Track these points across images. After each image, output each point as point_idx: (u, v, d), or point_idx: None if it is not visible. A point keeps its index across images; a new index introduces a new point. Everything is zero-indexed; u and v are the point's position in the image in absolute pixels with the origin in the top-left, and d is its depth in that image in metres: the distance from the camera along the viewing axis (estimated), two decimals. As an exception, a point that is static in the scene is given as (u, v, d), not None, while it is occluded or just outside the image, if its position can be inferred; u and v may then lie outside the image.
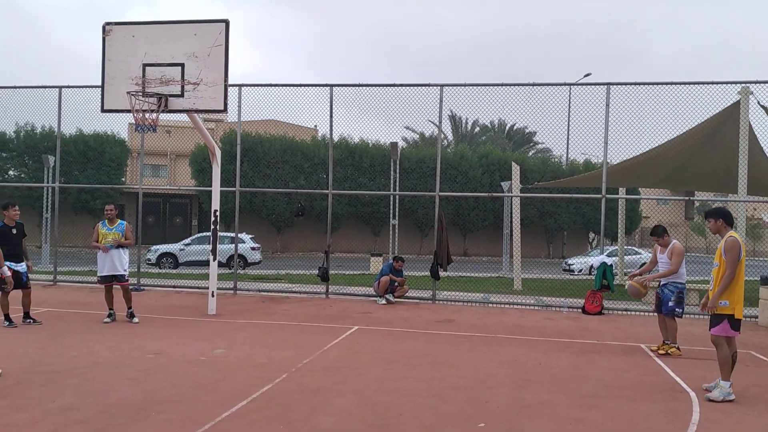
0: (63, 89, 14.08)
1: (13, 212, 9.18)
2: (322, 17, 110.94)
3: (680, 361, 7.77)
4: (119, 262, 9.75)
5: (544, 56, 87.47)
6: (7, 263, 8.93)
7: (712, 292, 6.10)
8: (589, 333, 9.73)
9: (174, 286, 14.21)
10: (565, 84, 13.18)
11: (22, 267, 9.18)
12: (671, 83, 11.76)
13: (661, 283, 8.30)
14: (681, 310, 8.15)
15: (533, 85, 12.67)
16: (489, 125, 43.00)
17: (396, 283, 12.74)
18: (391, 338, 8.82)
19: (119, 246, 9.77)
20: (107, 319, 9.59)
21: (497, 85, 12.78)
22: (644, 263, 24.69)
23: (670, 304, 8.12)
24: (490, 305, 12.65)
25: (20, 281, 9.11)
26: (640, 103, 12.21)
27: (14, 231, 9.15)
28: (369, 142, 32.53)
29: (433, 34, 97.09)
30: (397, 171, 18.08)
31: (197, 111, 9.67)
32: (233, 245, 14.54)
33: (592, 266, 20.83)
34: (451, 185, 29.30)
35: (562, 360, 7.68)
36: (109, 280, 9.73)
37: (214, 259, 10.89)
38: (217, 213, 10.91)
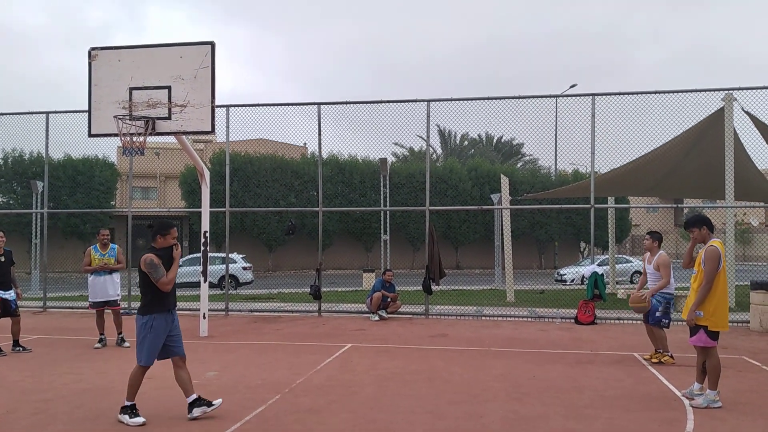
0: (50, 114, 14.06)
1: None
2: (302, 32, 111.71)
3: (673, 369, 7.78)
4: (112, 287, 9.67)
5: (530, 65, 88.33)
6: (-4, 291, 8.87)
7: (690, 300, 6.10)
8: (582, 343, 9.73)
9: (165, 309, 14.08)
10: (551, 96, 13.29)
11: (10, 295, 9.09)
12: (656, 92, 11.88)
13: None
14: (668, 321, 8.14)
15: (519, 97, 12.79)
16: (477, 138, 43.25)
17: (389, 299, 12.72)
18: (385, 355, 8.78)
19: (111, 271, 9.70)
20: (98, 345, 9.50)
21: (484, 99, 12.89)
22: (636, 271, 24.85)
23: (657, 314, 8.07)
24: (484, 318, 12.64)
25: (8, 309, 9.03)
26: (626, 113, 12.34)
27: (2, 258, 9.07)
28: (358, 158, 32.66)
29: (419, 42, 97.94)
30: (387, 186, 18.13)
31: (185, 133, 9.67)
32: (224, 266, 14.48)
33: (584, 276, 20.91)
34: (442, 199, 29.39)
35: (556, 371, 7.67)
36: (101, 305, 9.65)
37: (205, 281, 10.84)
38: (207, 234, 10.87)
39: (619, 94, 12.13)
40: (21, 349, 9.12)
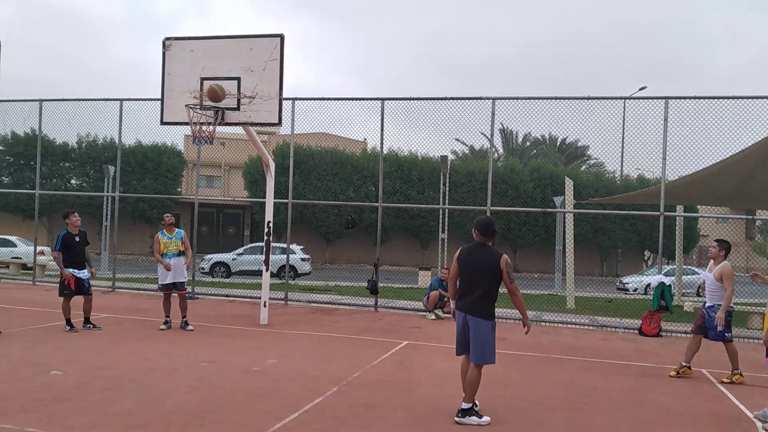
0: (124, 101, 14.59)
1: (74, 219, 9.49)
2: (369, 27, 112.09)
3: (744, 388, 7.42)
4: (180, 270, 9.97)
5: (598, 67, 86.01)
6: (70, 270, 9.27)
7: None
8: (647, 356, 9.41)
9: (227, 295, 14.47)
10: (620, 98, 12.89)
11: (84, 274, 9.49)
12: (733, 97, 11.34)
13: (707, 305, 7.90)
14: (730, 334, 7.76)
15: (587, 98, 12.44)
16: (540, 138, 42.40)
17: (446, 299, 12.63)
18: (441, 354, 8.73)
19: (180, 253, 9.99)
20: (163, 326, 9.81)
21: (550, 98, 12.61)
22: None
23: (719, 328, 7.66)
24: (543, 324, 12.40)
25: (82, 288, 9.42)
26: (699, 117, 11.83)
27: (77, 239, 9.47)
28: (418, 154, 32.57)
29: (485, 42, 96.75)
30: (447, 184, 18.00)
31: (253, 124, 9.85)
32: (284, 256, 14.72)
33: (648, 285, 20.23)
34: (502, 199, 28.98)
35: (619, 383, 7.44)
36: (169, 288, 9.94)
37: (267, 270, 11.04)
38: (271, 224, 11.06)
39: (693, 98, 11.62)
40: (91, 326, 9.51)
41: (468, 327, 5.62)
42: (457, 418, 5.49)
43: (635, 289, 22.11)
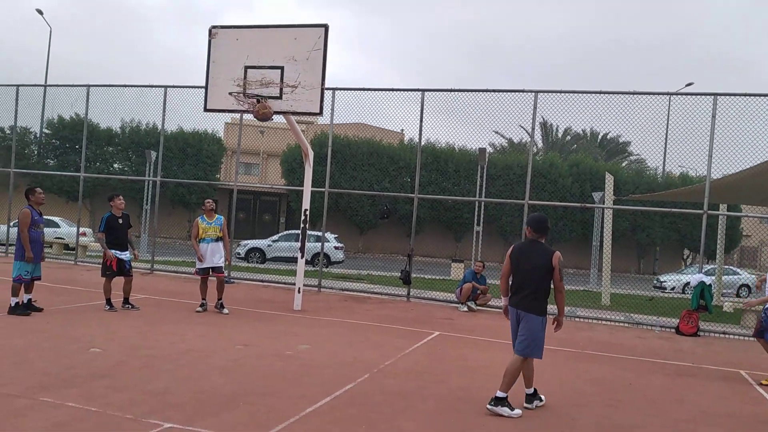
0: (168, 89, 14.86)
1: (118, 202, 9.73)
2: (406, 19, 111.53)
3: (786, 392, 7.23)
4: (218, 254, 10.13)
5: (641, 65, 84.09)
6: (113, 251, 9.52)
7: None
8: (683, 355, 9.23)
9: (261, 281, 14.68)
10: (666, 93, 12.60)
11: (126, 255, 9.73)
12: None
13: (765, 306, 7.72)
14: None
15: (631, 93, 12.23)
16: (581, 133, 41.73)
17: (479, 291, 12.59)
18: (473, 346, 8.72)
19: (218, 238, 10.14)
20: (199, 309, 10.01)
21: (593, 92, 12.42)
22: (743, 284, 23.39)
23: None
24: (577, 319, 12.25)
25: (123, 269, 9.67)
26: (748, 116, 11.50)
27: (120, 221, 9.70)
28: (455, 146, 32.38)
29: (528, 43, 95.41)
30: (484, 177, 17.87)
31: (294, 113, 9.94)
32: (318, 244, 14.85)
33: (687, 284, 19.79)
34: (539, 194, 28.61)
35: (654, 381, 7.32)
36: (206, 272, 10.12)
37: (302, 257, 11.15)
38: (307, 212, 11.16)
39: (743, 95, 11.30)
40: (130, 306, 9.76)
41: (520, 322, 5.71)
42: (489, 406, 5.50)
43: (673, 288, 21.68)
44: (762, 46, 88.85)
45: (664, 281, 22.70)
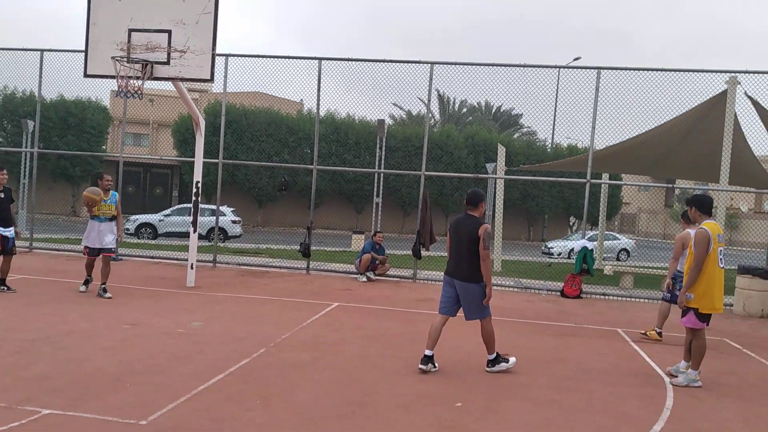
0: (45, 53, 13.72)
1: (0, 176, 8.95)
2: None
3: (656, 347, 7.86)
4: (110, 235, 9.40)
5: (532, 39, 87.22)
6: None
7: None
8: (567, 316, 9.80)
9: (152, 257, 14.07)
10: (555, 66, 13.08)
11: (9, 232, 8.98)
12: (661, 69, 11.72)
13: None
14: (668, 295, 8.23)
15: (523, 66, 12.59)
16: (476, 105, 42.88)
17: (377, 261, 12.72)
18: (371, 316, 8.81)
19: (112, 218, 9.46)
20: (83, 287, 9.41)
21: (487, 65, 12.69)
22: (623, 249, 25.09)
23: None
24: (471, 286, 12.66)
25: (5, 247, 8.93)
26: (628, 89, 12.20)
27: (2, 195, 8.93)
28: (355, 118, 32.31)
29: (425, 13, 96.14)
30: (383, 149, 17.96)
31: (183, 79, 9.46)
32: (213, 218, 14.40)
33: (572, 250, 21.02)
34: (436, 165, 29.27)
35: (540, 342, 7.73)
36: (96, 253, 9.42)
37: (195, 231, 10.76)
38: (199, 185, 10.75)
39: (625, 69, 11.95)
40: (5, 288, 9.03)
41: (456, 291, 6.12)
42: (488, 369, 6.14)
43: (560, 254, 22.93)
44: (641, 18, 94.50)
45: (552, 247, 23.97)
